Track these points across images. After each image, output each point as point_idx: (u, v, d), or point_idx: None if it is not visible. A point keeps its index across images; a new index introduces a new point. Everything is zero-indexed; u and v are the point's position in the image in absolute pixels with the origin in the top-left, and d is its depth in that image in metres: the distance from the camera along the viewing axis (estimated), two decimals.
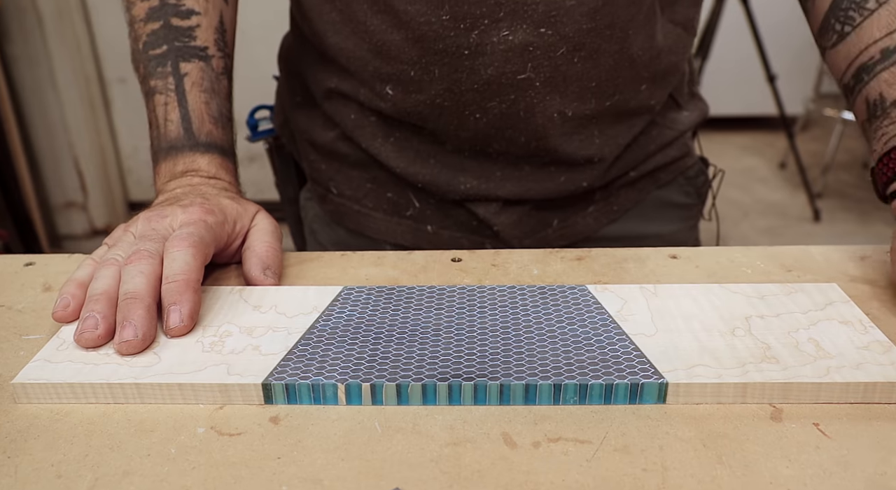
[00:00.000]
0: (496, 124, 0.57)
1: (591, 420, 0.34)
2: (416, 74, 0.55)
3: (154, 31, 0.54)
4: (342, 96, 0.61)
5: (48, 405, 0.36)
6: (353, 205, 0.66)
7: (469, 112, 0.56)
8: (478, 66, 0.53)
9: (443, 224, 0.65)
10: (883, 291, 0.46)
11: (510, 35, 0.52)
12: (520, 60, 0.53)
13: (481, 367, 0.36)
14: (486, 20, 0.52)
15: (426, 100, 0.56)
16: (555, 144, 0.58)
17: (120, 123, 2.45)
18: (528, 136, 0.57)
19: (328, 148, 0.65)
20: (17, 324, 0.44)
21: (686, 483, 0.31)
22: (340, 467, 0.32)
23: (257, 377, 0.36)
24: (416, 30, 0.53)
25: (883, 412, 0.35)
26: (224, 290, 0.45)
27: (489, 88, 0.54)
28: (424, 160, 0.61)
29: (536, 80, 0.54)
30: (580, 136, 0.59)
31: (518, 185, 0.61)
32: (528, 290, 0.44)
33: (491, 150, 0.59)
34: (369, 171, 0.64)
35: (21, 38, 2.15)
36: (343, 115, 0.62)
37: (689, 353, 0.37)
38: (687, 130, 0.67)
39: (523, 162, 0.60)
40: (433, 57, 0.54)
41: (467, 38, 0.52)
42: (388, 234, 0.65)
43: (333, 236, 0.69)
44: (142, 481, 0.31)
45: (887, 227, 2.52)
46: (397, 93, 0.57)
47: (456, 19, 0.52)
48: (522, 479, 0.31)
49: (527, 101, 0.55)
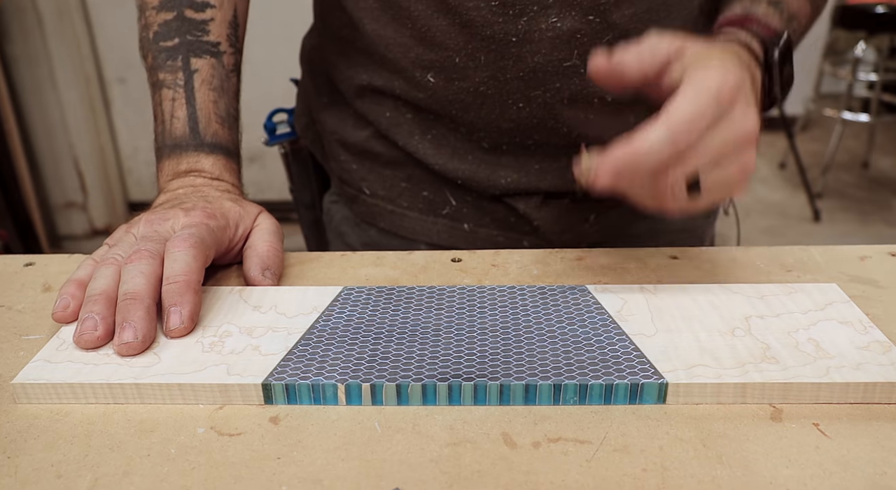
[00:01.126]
0: (538, 114, 0.56)
1: (591, 420, 0.34)
2: (460, 61, 0.55)
3: (167, 22, 0.54)
4: (376, 93, 0.61)
5: (48, 405, 0.36)
6: (386, 205, 0.65)
7: (512, 101, 0.56)
8: (525, 54, 0.53)
9: (480, 222, 0.64)
10: (883, 291, 0.46)
11: (559, 22, 0.52)
12: (566, 47, 0.53)
13: (481, 368, 0.36)
14: (535, 7, 0.52)
15: (469, 88, 0.56)
16: (595, 131, 0.58)
17: (120, 123, 2.45)
18: (569, 125, 0.57)
19: (360, 147, 0.64)
20: (17, 324, 0.44)
21: (686, 483, 0.31)
22: (340, 467, 0.32)
23: (257, 377, 0.36)
24: (464, 15, 0.53)
25: (883, 412, 0.35)
26: (224, 291, 0.45)
27: (535, 76, 0.54)
28: (462, 156, 0.60)
29: (582, 67, 0.54)
30: (618, 121, 0.58)
31: (558, 177, 0.60)
32: (528, 291, 0.44)
33: (530, 143, 0.59)
34: (404, 169, 0.63)
35: (21, 38, 2.15)
36: (377, 113, 0.61)
37: (689, 353, 0.37)
38: None
39: (562, 153, 0.59)
40: (480, 43, 0.54)
41: (515, 24, 0.52)
42: (424, 234, 0.65)
43: (364, 237, 0.68)
44: (142, 481, 0.31)
45: (887, 227, 2.53)
46: (439, 81, 0.56)
47: (505, 5, 0.52)
48: (522, 479, 0.31)
49: (571, 88, 0.55)
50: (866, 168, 3.03)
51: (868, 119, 2.89)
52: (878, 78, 2.86)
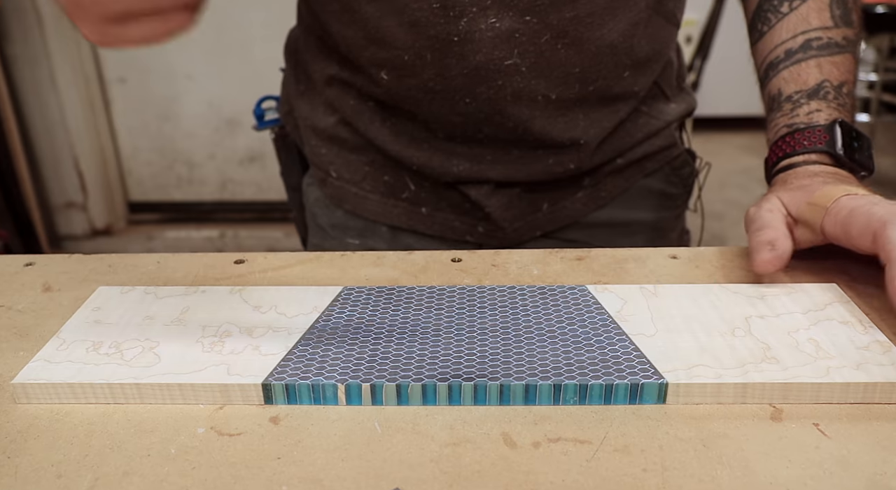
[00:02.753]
0: (485, 109, 0.59)
1: (591, 420, 0.34)
2: (409, 59, 0.57)
3: None
4: (342, 83, 0.64)
5: (48, 405, 0.36)
6: (351, 187, 0.68)
7: (459, 97, 0.58)
8: (467, 52, 0.56)
9: (437, 206, 0.67)
10: (883, 291, 0.46)
11: (497, 23, 0.54)
12: (506, 47, 0.55)
13: (481, 368, 0.36)
14: (474, 8, 0.54)
15: (419, 84, 0.58)
16: (540, 127, 0.60)
17: (120, 123, 2.45)
18: (515, 121, 0.60)
19: (329, 133, 0.68)
20: (17, 324, 0.44)
21: (686, 483, 0.31)
22: (340, 467, 0.32)
23: (257, 377, 0.36)
24: (410, 16, 0.55)
25: (883, 412, 0.35)
26: (224, 290, 0.45)
27: (478, 74, 0.57)
28: (419, 144, 0.63)
29: (522, 66, 0.56)
30: (565, 118, 0.61)
31: (508, 168, 0.63)
32: (528, 291, 0.44)
33: (481, 136, 0.61)
34: (367, 154, 0.66)
35: (21, 38, 2.15)
36: (343, 102, 0.65)
37: (689, 354, 0.37)
38: (673, 122, 0.69)
39: (512, 146, 0.62)
40: (425, 42, 0.56)
41: (456, 25, 0.55)
42: (385, 216, 0.68)
43: (332, 218, 0.71)
44: (142, 481, 0.31)
45: None
46: (392, 78, 0.59)
47: (445, 7, 0.54)
48: (522, 479, 0.31)
49: (513, 86, 0.57)
50: None
51: (868, 119, 2.89)
52: (878, 78, 2.86)
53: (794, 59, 0.55)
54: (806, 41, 0.55)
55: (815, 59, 0.54)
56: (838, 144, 0.51)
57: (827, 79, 0.53)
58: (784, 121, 0.54)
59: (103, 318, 0.42)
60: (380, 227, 0.68)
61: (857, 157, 0.51)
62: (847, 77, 0.54)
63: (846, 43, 0.55)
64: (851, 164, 0.51)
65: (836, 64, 0.54)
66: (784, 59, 0.55)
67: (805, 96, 0.54)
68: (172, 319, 0.41)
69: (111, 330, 0.40)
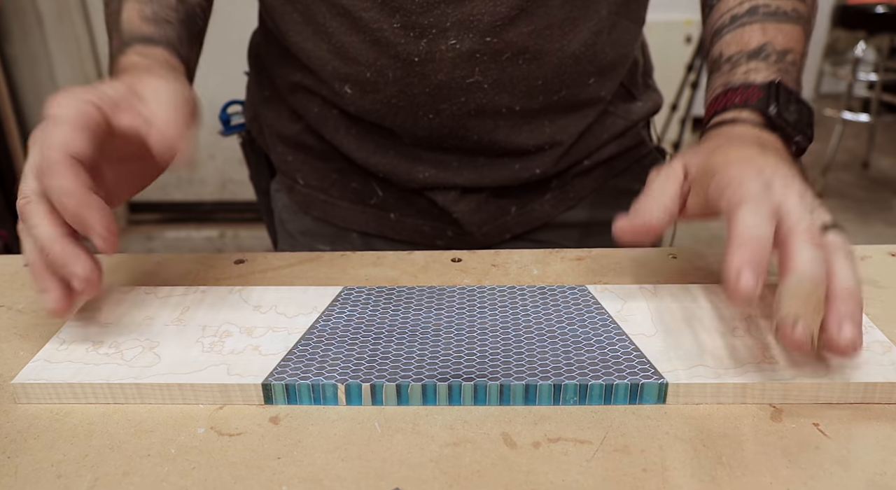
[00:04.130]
0: (448, 124, 0.59)
1: (590, 420, 0.34)
2: (371, 76, 0.57)
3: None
4: (306, 90, 0.63)
5: (48, 405, 0.36)
6: (319, 194, 0.68)
7: (423, 112, 0.58)
8: (428, 72, 0.55)
9: (405, 212, 0.67)
10: (883, 292, 0.46)
11: (457, 44, 0.54)
12: (467, 66, 0.55)
13: (481, 368, 0.36)
14: (434, 30, 0.54)
15: (382, 99, 0.58)
16: (504, 137, 0.60)
17: None
18: (479, 134, 0.60)
19: (294, 140, 0.67)
20: (17, 324, 0.44)
21: (686, 483, 0.31)
22: (340, 467, 0.32)
23: (257, 377, 0.36)
24: (372, 34, 0.55)
25: (883, 412, 0.35)
26: (224, 290, 0.45)
27: (440, 92, 0.56)
28: (384, 151, 0.63)
29: (485, 83, 0.56)
30: (530, 126, 0.61)
31: (474, 173, 0.63)
32: (528, 291, 0.44)
33: (447, 145, 0.61)
34: (334, 161, 0.66)
35: (21, 38, 2.15)
36: (307, 109, 0.64)
37: (689, 353, 0.37)
38: (640, 120, 0.68)
39: (477, 154, 0.62)
40: (387, 60, 0.56)
41: (417, 45, 0.54)
42: (354, 222, 0.68)
43: (301, 225, 0.70)
44: (142, 481, 0.31)
45: (887, 227, 2.52)
46: (355, 92, 0.59)
47: (406, 28, 0.54)
48: (522, 479, 0.31)
49: (476, 102, 0.57)
50: (866, 168, 3.03)
51: (868, 119, 2.89)
52: (878, 78, 2.86)
53: (738, 23, 0.52)
54: (752, 7, 0.52)
55: (761, 23, 0.51)
56: (771, 103, 0.47)
57: (769, 42, 0.50)
58: (721, 81, 0.51)
59: (103, 318, 0.42)
60: (350, 234, 0.68)
61: (793, 120, 0.47)
62: (793, 46, 0.51)
63: (796, 15, 0.52)
64: (784, 126, 0.46)
65: (782, 30, 0.51)
66: (728, 23, 0.53)
67: (745, 57, 0.50)
68: (172, 319, 0.41)
69: (111, 330, 0.40)
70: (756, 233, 0.34)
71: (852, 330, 0.33)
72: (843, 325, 0.33)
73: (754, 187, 0.36)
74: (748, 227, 0.35)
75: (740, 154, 0.41)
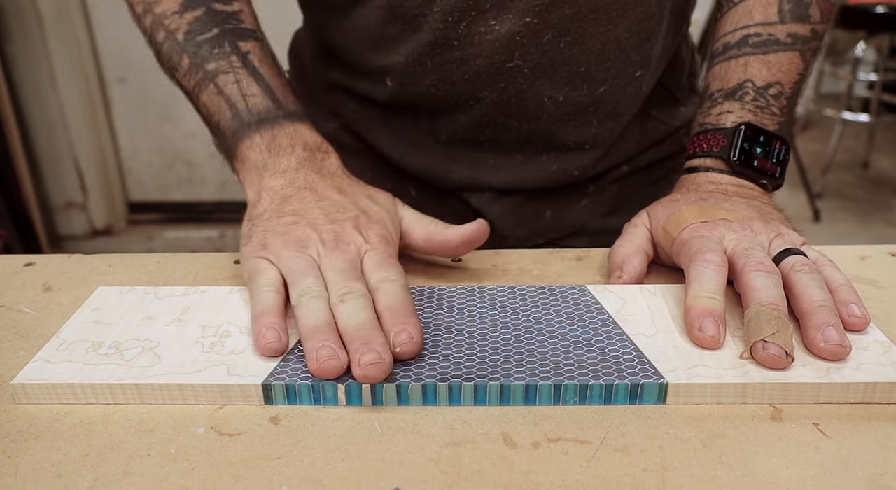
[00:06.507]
0: (489, 112, 0.59)
1: (591, 420, 0.34)
2: (410, 66, 0.57)
3: (197, 18, 0.53)
4: (343, 89, 0.64)
5: (48, 405, 0.36)
6: None
7: (463, 101, 0.58)
8: (467, 57, 0.55)
9: (439, 213, 0.65)
10: (883, 291, 0.46)
11: (497, 25, 0.54)
12: (507, 50, 0.55)
13: (481, 368, 0.36)
14: (473, 12, 0.54)
15: (422, 90, 0.58)
16: (547, 128, 0.60)
17: (120, 123, 2.45)
18: (519, 121, 0.59)
19: (330, 137, 0.66)
20: (17, 324, 0.44)
21: (686, 483, 0.31)
22: (340, 467, 0.32)
23: (257, 377, 0.36)
24: (410, 23, 0.55)
25: (883, 412, 0.35)
26: (224, 290, 0.45)
27: (479, 78, 0.56)
28: (420, 150, 0.63)
29: (524, 68, 0.56)
30: (575, 122, 0.60)
31: (510, 174, 0.62)
32: (528, 290, 0.44)
33: (484, 139, 0.61)
34: (369, 160, 0.66)
35: (21, 38, 2.15)
36: (343, 107, 0.64)
37: (689, 353, 0.37)
38: (682, 127, 0.68)
39: (515, 150, 0.62)
40: (425, 48, 0.56)
41: (456, 29, 0.54)
42: None
43: None
44: (142, 481, 0.31)
45: (887, 227, 2.52)
46: (395, 84, 0.59)
47: (444, 12, 0.54)
48: (522, 479, 0.31)
49: (517, 88, 0.57)
50: (866, 168, 3.03)
51: (868, 119, 2.89)
52: (878, 78, 2.86)
53: (727, 54, 0.53)
54: (743, 37, 0.53)
55: (746, 57, 0.52)
56: (735, 150, 0.50)
57: (750, 79, 0.52)
58: (700, 119, 0.53)
59: (103, 318, 0.42)
60: None
61: (758, 164, 0.50)
62: (780, 77, 0.52)
63: (791, 40, 0.52)
64: (746, 172, 0.50)
65: (767, 63, 0.52)
66: (721, 53, 0.54)
67: (723, 96, 0.52)
68: (172, 319, 0.41)
69: (111, 330, 0.40)
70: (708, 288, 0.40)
71: (834, 334, 0.36)
72: (825, 332, 0.37)
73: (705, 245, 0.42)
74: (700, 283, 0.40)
75: (697, 213, 0.46)
